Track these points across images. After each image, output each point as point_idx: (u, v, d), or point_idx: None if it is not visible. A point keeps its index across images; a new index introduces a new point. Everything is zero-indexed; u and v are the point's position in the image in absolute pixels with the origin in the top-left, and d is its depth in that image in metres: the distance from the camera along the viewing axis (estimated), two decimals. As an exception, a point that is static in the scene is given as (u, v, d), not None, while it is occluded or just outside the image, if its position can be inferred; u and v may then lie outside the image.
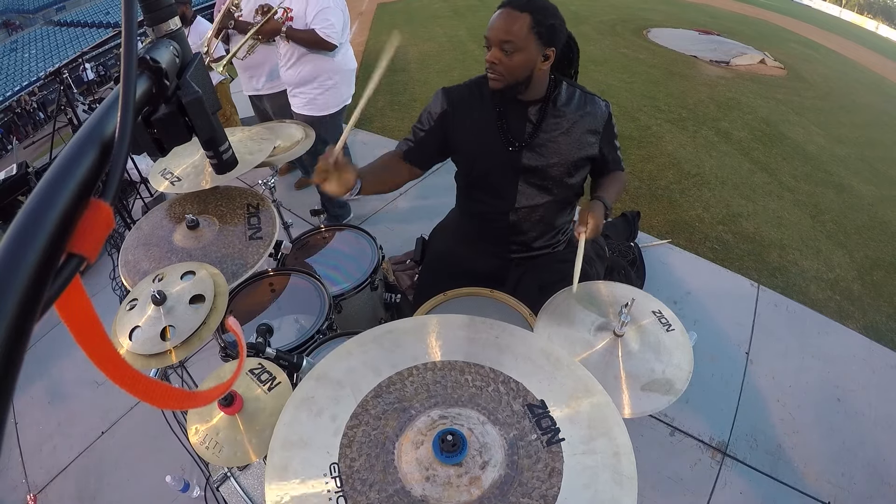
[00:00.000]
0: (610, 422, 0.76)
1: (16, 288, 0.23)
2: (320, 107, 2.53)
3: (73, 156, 0.31)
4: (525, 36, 1.20)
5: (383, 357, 0.85)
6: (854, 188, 3.91)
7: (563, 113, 1.35)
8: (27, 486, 1.94)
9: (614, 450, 0.72)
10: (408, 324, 0.93)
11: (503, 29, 1.21)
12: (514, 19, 1.20)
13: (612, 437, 0.74)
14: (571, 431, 0.75)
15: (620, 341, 1.09)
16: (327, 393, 0.80)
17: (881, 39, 21.66)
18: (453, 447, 0.70)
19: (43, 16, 29.21)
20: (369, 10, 10.68)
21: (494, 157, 1.39)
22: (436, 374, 0.83)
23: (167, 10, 0.48)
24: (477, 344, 0.87)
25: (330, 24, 2.28)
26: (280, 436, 0.75)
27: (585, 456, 0.72)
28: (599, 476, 0.70)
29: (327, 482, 0.70)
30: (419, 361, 0.84)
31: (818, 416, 2.00)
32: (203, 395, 0.42)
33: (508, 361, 0.84)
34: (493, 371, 0.83)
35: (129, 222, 3.00)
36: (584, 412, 0.77)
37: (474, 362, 0.84)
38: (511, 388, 0.81)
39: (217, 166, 0.56)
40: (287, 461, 0.72)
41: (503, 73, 1.24)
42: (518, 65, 1.23)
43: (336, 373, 0.83)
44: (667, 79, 5.97)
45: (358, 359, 0.85)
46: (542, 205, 1.45)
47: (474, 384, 0.81)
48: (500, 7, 1.25)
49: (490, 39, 1.24)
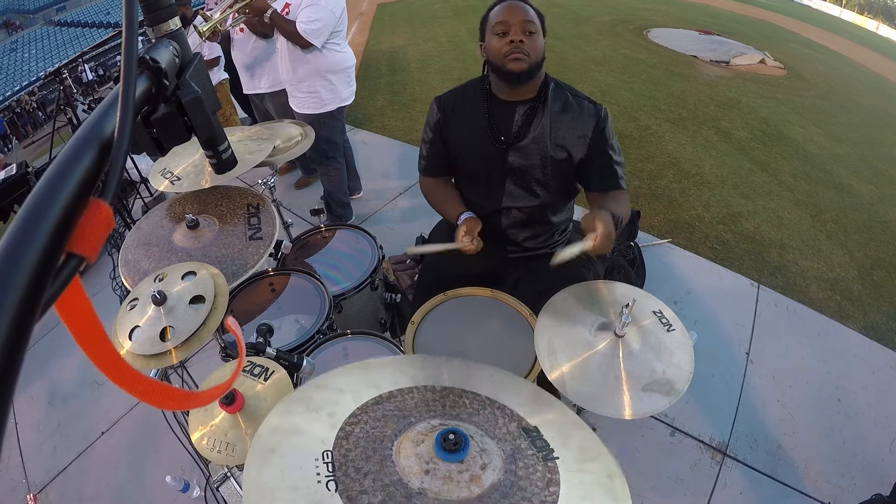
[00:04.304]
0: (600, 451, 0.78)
1: (15, 288, 0.23)
2: (317, 105, 2.53)
3: (72, 155, 0.31)
4: (537, 21, 1.28)
5: (385, 377, 0.87)
6: (854, 188, 3.91)
7: (550, 114, 1.35)
8: (27, 486, 1.94)
9: (607, 472, 0.74)
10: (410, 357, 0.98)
11: (524, 12, 1.27)
12: (525, 7, 1.28)
13: (603, 462, 0.76)
14: (564, 454, 0.77)
15: (621, 342, 1.09)
16: (327, 396, 0.80)
17: (881, 39, 21.66)
18: (455, 445, 0.69)
19: (43, 16, 29.20)
20: (369, 10, 10.68)
21: (483, 155, 1.41)
22: (435, 394, 0.85)
23: (167, 10, 0.48)
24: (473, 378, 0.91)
25: (312, 21, 2.27)
26: (271, 423, 0.72)
27: (581, 473, 0.73)
28: (596, 491, 0.71)
29: (318, 466, 0.67)
30: (419, 384, 0.86)
31: (818, 416, 2.00)
32: (203, 395, 0.42)
33: (502, 394, 0.88)
34: (489, 399, 0.86)
35: (129, 222, 3.00)
36: (574, 442, 0.79)
37: (471, 390, 0.87)
38: (506, 413, 0.83)
39: (216, 166, 0.56)
40: (275, 445, 0.69)
41: (529, 52, 1.26)
42: (539, 46, 1.28)
43: (337, 383, 0.83)
44: (667, 79, 5.97)
45: (358, 377, 0.86)
46: (528, 207, 1.45)
47: (472, 406, 0.84)
48: (502, 2, 1.30)
49: (509, 23, 1.26)
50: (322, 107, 2.54)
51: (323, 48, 2.40)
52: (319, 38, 2.32)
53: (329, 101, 2.54)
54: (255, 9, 2.26)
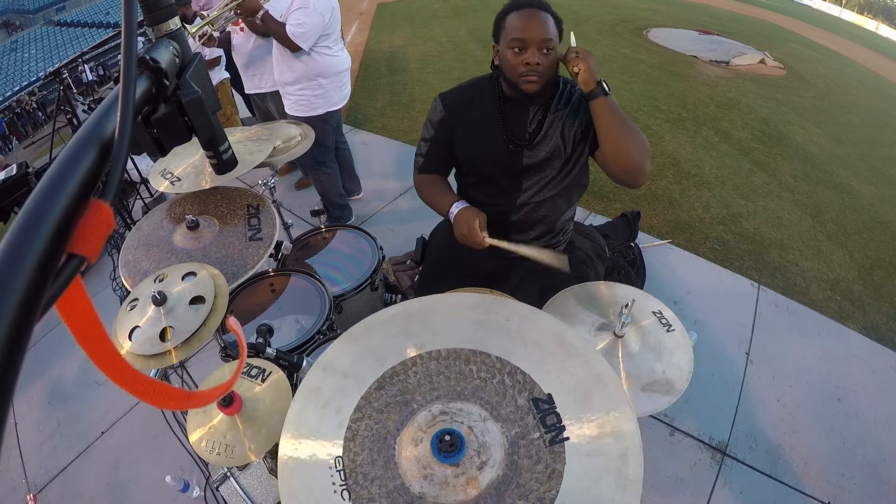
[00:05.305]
0: (622, 419, 0.71)
1: (16, 288, 0.23)
2: (307, 108, 2.53)
3: (72, 156, 0.31)
4: (556, 34, 1.23)
5: (388, 343, 0.83)
6: (854, 188, 3.91)
7: (563, 110, 1.34)
8: (27, 486, 1.94)
9: (621, 451, 0.69)
10: (416, 305, 0.89)
11: (543, 28, 1.21)
12: (545, 19, 1.22)
13: (621, 436, 0.70)
14: (576, 429, 0.71)
15: (621, 342, 1.09)
16: (333, 383, 0.80)
17: (881, 39, 21.66)
18: (451, 447, 0.70)
19: (43, 16, 29.20)
20: (369, 10, 10.68)
21: (496, 158, 1.39)
22: (440, 363, 0.80)
23: (167, 10, 0.48)
24: (486, 328, 0.82)
25: (300, 24, 2.26)
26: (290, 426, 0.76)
27: (589, 457, 0.69)
28: (602, 479, 0.68)
29: (332, 476, 0.70)
30: (424, 349, 0.81)
31: (818, 416, 2.00)
32: (203, 396, 0.42)
33: (517, 349, 0.79)
34: (500, 361, 0.78)
35: (130, 223, 3.00)
36: (594, 405, 0.73)
37: (481, 350, 0.80)
38: (517, 380, 0.77)
39: (217, 166, 0.56)
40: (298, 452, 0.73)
41: (543, 73, 1.23)
42: (554, 63, 1.25)
43: (341, 363, 0.82)
44: (667, 79, 5.97)
45: (363, 345, 0.83)
46: (544, 201, 1.44)
47: (479, 375, 0.78)
48: (519, 8, 1.24)
49: (528, 41, 1.20)
50: (311, 110, 2.53)
51: (312, 52, 2.38)
52: (307, 41, 2.31)
53: (318, 106, 2.53)
54: (247, 9, 2.26)
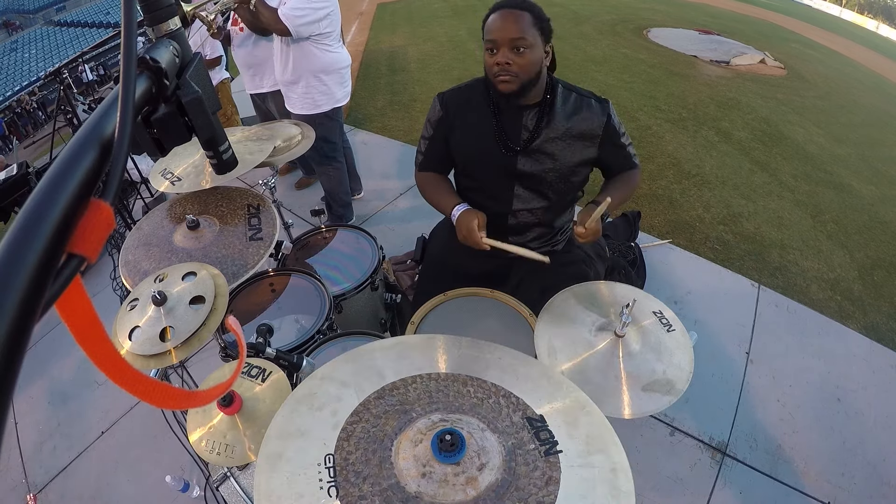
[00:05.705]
0: (607, 441, 0.76)
1: (16, 288, 0.23)
2: (311, 106, 2.53)
3: (73, 156, 0.31)
4: (533, 32, 1.20)
5: (389, 365, 0.86)
6: (854, 188, 3.91)
7: (559, 117, 1.33)
8: (27, 486, 1.94)
9: (612, 466, 0.72)
10: (415, 339, 0.95)
11: (514, 27, 1.19)
12: (518, 17, 1.19)
13: (609, 454, 0.74)
14: (569, 445, 0.75)
15: (621, 342, 1.09)
16: (330, 390, 0.80)
17: (881, 39, 21.66)
18: (451, 447, 0.70)
19: (43, 16, 29.20)
20: (369, 10, 10.68)
21: (490, 160, 1.39)
22: (439, 383, 0.84)
23: (167, 10, 0.48)
24: (480, 363, 0.89)
25: (293, 9, 2.25)
26: (277, 425, 0.75)
27: (583, 469, 0.72)
28: (597, 489, 0.69)
29: (320, 472, 0.69)
30: (423, 371, 0.85)
31: (818, 416, 2.00)
32: (203, 395, 0.42)
33: (510, 379, 0.86)
34: (495, 386, 0.84)
35: (130, 222, 3.00)
36: (581, 430, 0.78)
37: (477, 377, 0.86)
38: (511, 401, 0.82)
39: (217, 166, 0.56)
40: (282, 450, 0.72)
41: (517, 72, 1.21)
42: (530, 62, 1.22)
43: (341, 374, 0.84)
44: (667, 79, 5.97)
45: (364, 363, 0.86)
46: (538, 208, 1.44)
47: (475, 395, 0.83)
48: (496, 10, 1.23)
49: (498, 41, 1.20)
50: (316, 108, 2.54)
51: (313, 48, 2.38)
52: (296, 24, 2.27)
53: (323, 103, 2.54)
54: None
